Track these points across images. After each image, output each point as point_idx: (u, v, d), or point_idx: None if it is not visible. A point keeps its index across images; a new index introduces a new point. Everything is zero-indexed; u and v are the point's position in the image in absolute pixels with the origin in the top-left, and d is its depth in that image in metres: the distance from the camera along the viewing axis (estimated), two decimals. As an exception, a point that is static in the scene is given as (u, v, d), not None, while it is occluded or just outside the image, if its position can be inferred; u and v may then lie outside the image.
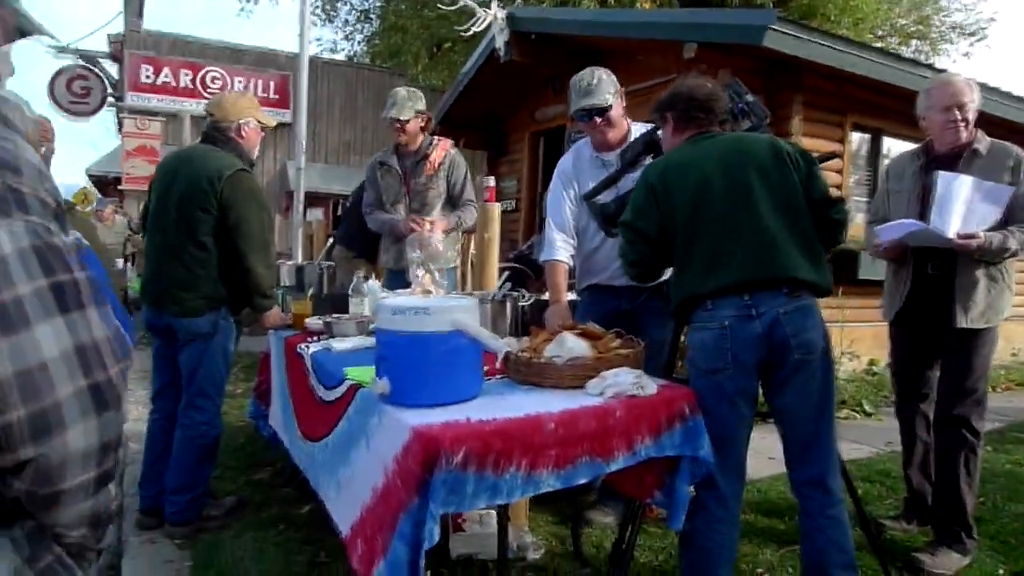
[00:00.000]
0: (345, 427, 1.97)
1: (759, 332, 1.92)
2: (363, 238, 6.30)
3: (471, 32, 7.24)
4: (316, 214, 10.50)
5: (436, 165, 3.75)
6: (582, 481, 1.72)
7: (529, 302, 2.65)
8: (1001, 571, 2.60)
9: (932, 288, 2.65)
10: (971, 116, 2.62)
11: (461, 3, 7.49)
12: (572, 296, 3.06)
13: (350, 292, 3.01)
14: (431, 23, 15.09)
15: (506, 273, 2.82)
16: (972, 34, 16.85)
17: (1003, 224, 2.54)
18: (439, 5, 7.74)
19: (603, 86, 2.69)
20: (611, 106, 2.69)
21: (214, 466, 3.05)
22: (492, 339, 1.78)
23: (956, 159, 2.65)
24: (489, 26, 7.41)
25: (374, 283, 3.18)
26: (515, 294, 2.68)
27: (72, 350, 0.73)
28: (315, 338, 2.72)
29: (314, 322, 2.86)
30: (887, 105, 5.86)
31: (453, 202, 3.84)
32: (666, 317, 2.74)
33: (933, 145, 2.75)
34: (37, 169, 0.78)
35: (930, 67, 6.02)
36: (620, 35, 6.06)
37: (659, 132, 2.34)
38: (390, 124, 3.73)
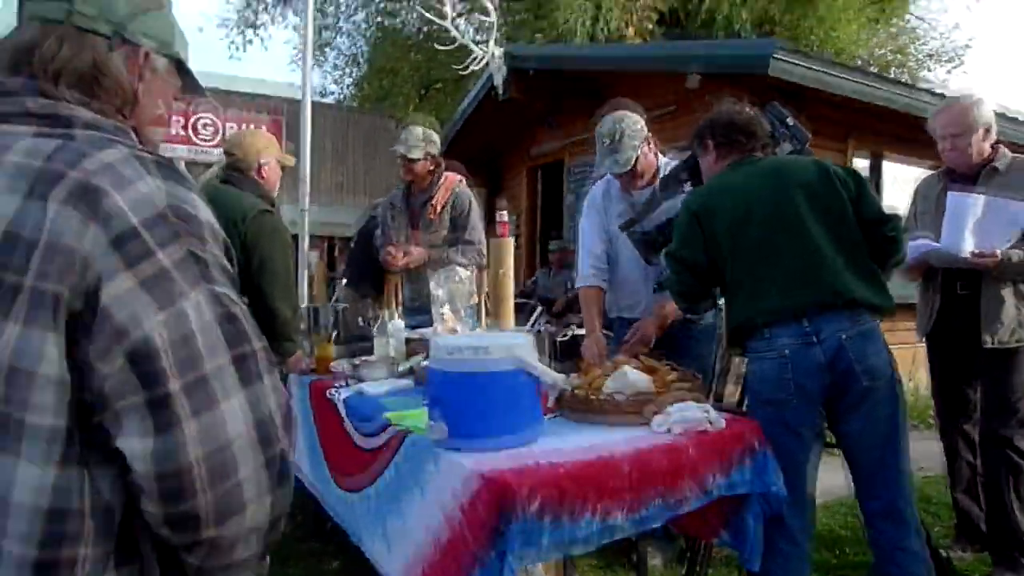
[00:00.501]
0: (393, 475, 1.85)
1: (821, 360, 1.84)
2: (368, 277, 6.24)
3: (469, 70, 7.27)
4: (312, 255, 10.43)
5: (440, 207, 3.62)
6: (656, 525, 1.62)
7: (566, 338, 2.56)
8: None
9: (961, 307, 2.61)
10: (972, 137, 2.57)
11: (458, 43, 7.55)
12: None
13: (375, 332, 2.92)
14: (420, 65, 15.24)
15: (539, 308, 2.73)
16: (949, 60, 17.21)
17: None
18: (436, 46, 7.79)
19: (626, 141, 2.59)
20: (636, 164, 2.62)
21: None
22: (552, 376, 1.69)
23: (975, 177, 2.62)
24: (486, 64, 7.47)
25: (399, 322, 3.09)
26: (552, 329, 2.59)
27: (253, 424, 0.69)
28: (343, 382, 2.61)
29: (340, 365, 2.76)
30: (887, 130, 5.91)
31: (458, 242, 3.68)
32: (698, 345, 2.68)
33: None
34: (212, 228, 0.75)
35: (929, 92, 6.09)
36: (621, 68, 6.09)
37: (693, 159, 2.31)
38: (400, 159, 3.66)
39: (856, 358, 1.83)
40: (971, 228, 2.45)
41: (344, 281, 3.80)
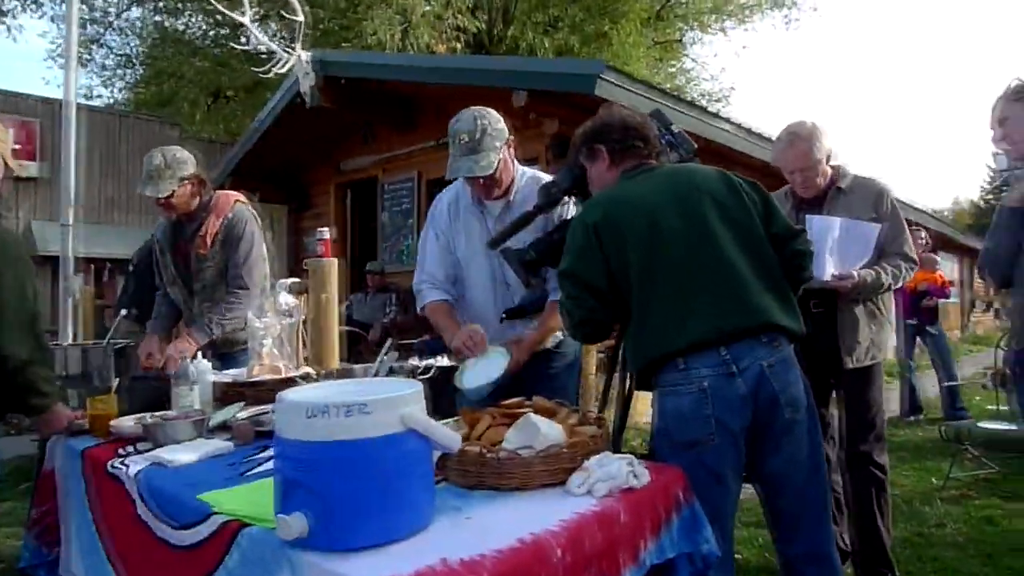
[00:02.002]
0: (223, 588, 1.32)
1: (743, 391, 1.63)
2: (151, 308, 5.28)
3: (271, 74, 6.57)
4: (76, 281, 8.87)
5: (211, 239, 2.93)
6: (591, 619, 1.27)
7: (431, 374, 2.14)
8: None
9: (817, 327, 2.61)
10: (819, 168, 2.59)
11: (256, 45, 6.80)
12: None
13: (173, 379, 2.28)
14: (207, 70, 13.90)
15: (389, 340, 2.28)
16: (718, 100, 19.33)
17: (875, 259, 2.58)
18: (235, 46, 6.97)
19: (488, 141, 2.22)
20: (495, 170, 2.24)
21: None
22: (448, 435, 1.28)
23: (822, 198, 2.66)
24: (290, 70, 6.81)
25: (203, 362, 2.46)
26: (409, 364, 2.15)
27: None
28: (130, 447, 1.97)
29: (125, 425, 2.09)
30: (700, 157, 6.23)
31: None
32: (557, 379, 2.40)
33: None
34: None
35: (748, 130, 6.49)
36: (445, 82, 5.80)
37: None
38: (152, 202, 2.93)
39: (779, 388, 1.64)
40: (830, 250, 2.45)
41: (123, 312, 3.03)
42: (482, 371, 2.13)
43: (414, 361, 2.22)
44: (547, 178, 2.38)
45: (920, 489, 4.09)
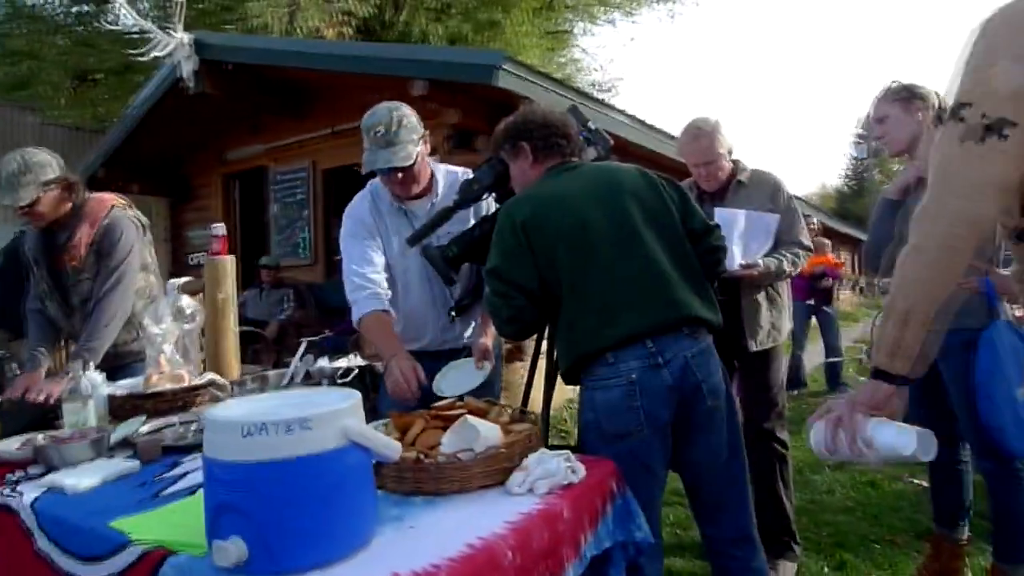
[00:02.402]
0: (146, 623, 1.23)
1: (669, 382, 1.68)
2: (21, 313, 4.82)
3: (150, 57, 6.11)
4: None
5: (84, 248, 2.69)
6: (539, 617, 1.28)
7: (350, 377, 2.07)
8: (825, 568, 2.76)
9: (722, 314, 2.74)
10: (721, 162, 2.71)
11: (131, 26, 6.32)
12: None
13: (64, 395, 2.09)
14: (70, 51, 12.75)
15: (303, 342, 2.18)
16: (607, 91, 19.81)
17: (773, 248, 2.74)
18: (106, 25, 6.44)
19: (404, 134, 2.15)
20: (415, 162, 2.19)
21: None
22: (388, 444, 1.25)
23: (724, 190, 2.80)
24: (168, 54, 6.36)
25: (94, 375, 2.28)
26: (327, 367, 2.07)
27: None
28: (20, 472, 1.79)
29: (9, 450, 1.90)
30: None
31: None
32: (495, 380, 2.40)
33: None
34: None
35: (641, 122, 6.67)
36: (337, 69, 5.59)
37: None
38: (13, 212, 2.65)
39: (702, 377, 1.71)
40: (736, 241, 2.57)
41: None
42: (458, 380, 2.13)
43: (329, 363, 2.13)
44: (464, 171, 2.36)
45: (808, 460, 4.39)
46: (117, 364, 2.78)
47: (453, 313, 2.21)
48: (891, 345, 1.15)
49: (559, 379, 1.89)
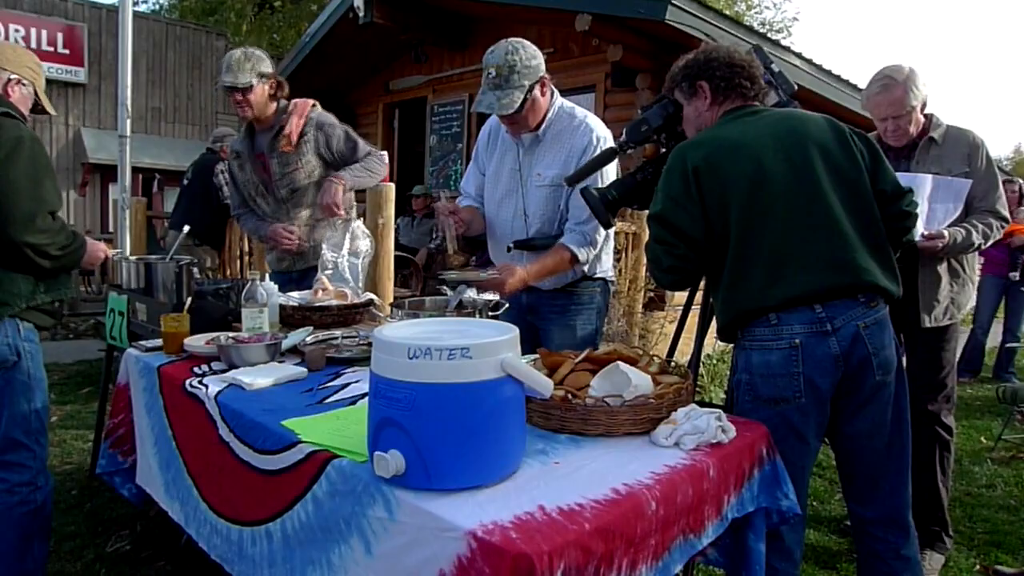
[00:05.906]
0: (312, 513, 1.35)
1: (836, 351, 1.57)
2: (207, 222, 5.33)
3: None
4: (118, 191, 9.01)
5: (295, 138, 2.93)
6: (676, 571, 1.27)
7: (500, 311, 2.11)
8: (977, 567, 2.55)
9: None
10: (913, 116, 2.43)
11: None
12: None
13: (243, 299, 2.30)
14: (254, -22, 13.59)
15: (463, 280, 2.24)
16: (779, 31, 18.38)
17: (963, 216, 2.45)
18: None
19: (515, 79, 2.15)
20: (517, 109, 2.18)
21: (49, 542, 2.22)
22: (542, 382, 1.26)
23: (912, 148, 2.52)
24: (343, -18, 6.59)
25: (270, 284, 2.47)
26: (478, 299, 2.12)
27: None
28: (205, 367, 2.00)
29: (197, 345, 2.12)
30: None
31: (340, 168, 3.01)
32: (578, 314, 2.38)
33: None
34: None
35: (825, 71, 6.16)
36: (505, 0, 5.56)
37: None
38: (229, 96, 2.90)
39: (873, 350, 1.58)
40: (922, 209, 2.32)
41: (186, 229, 3.03)
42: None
43: (480, 296, 2.17)
44: (581, 112, 2.37)
45: (969, 448, 4.04)
46: (300, 268, 3.04)
47: (511, 244, 2.32)
48: None
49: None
